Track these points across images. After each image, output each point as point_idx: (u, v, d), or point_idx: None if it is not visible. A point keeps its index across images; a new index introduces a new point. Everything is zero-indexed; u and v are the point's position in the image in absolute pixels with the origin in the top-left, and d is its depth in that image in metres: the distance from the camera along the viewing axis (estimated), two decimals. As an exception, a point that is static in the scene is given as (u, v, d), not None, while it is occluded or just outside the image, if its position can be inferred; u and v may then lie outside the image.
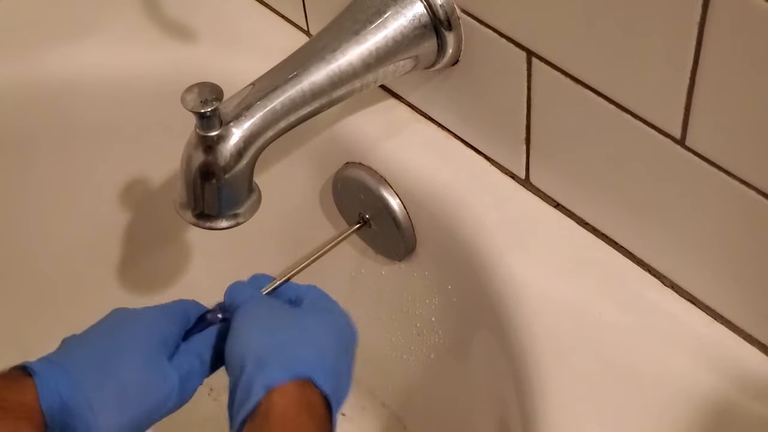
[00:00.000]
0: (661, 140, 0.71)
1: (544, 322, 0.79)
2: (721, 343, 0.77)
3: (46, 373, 0.67)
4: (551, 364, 0.76)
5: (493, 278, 0.83)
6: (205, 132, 0.70)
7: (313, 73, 0.77)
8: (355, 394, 1.14)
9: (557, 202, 0.85)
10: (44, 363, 0.69)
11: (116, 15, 1.02)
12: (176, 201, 0.73)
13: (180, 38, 1.00)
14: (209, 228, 0.73)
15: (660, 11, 0.65)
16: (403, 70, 0.82)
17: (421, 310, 0.96)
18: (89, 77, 1.00)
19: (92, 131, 1.02)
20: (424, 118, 0.92)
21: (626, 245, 0.81)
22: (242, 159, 0.73)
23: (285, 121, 0.76)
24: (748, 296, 0.74)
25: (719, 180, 0.69)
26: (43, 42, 1.01)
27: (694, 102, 0.67)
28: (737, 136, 0.67)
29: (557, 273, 0.81)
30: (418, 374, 1.02)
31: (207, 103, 0.68)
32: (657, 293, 0.80)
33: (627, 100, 0.72)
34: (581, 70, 0.74)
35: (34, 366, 0.68)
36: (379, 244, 0.96)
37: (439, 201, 0.88)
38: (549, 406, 0.74)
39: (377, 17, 0.79)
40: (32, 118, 1.01)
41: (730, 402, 0.74)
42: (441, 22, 0.80)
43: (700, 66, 0.65)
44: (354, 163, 0.92)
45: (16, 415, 0.66)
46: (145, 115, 1.00)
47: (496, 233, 0.84)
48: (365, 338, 1.06)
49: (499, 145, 0.86)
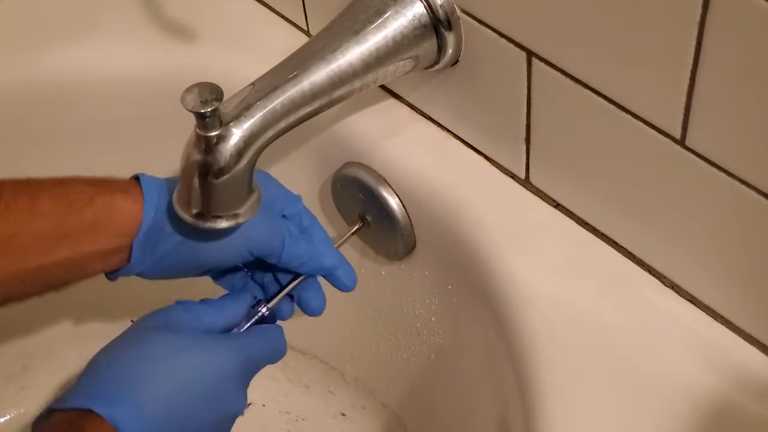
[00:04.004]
0: (661, 140, 0.71)
1: (544, 321, 0.79)
2: (721, 343, 0.77)
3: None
4: (551, 364, 0.76)
5: (493, 278, 0.83)
6: (205, 132, 0.70)
7: (313, 73, 0.77)
8: (355, 394, 1.14)
9: (557, 202, 0.85)
10: (120, 415, 0.66)
11: (116, 15, 1.02)
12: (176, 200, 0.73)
13: (180, 38, 1.00)
14: (209, 228, 0.73)
15: (660, 11, 0.65)
16: (403, 70, 0.82)
17: (421, 310, 0.96)
18: (89, 77, 1.00)
19: (92, 131, 1.02)
20: (424, 118, 0.92)
21: (626, 245, 0.81)
22: (242, 159, 0.73)
23: (285, 121, 0.76)
24: (748, 296, 0.74)
25: (719, 180, 0.69)
26: (43, 42, 1.01)
27: (694, 102, 0.67)
28: (737, 136, 0.67)
29: (557, 273, 0.82)
30: (418, 374, 1.02)
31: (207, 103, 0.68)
32: (657, 293, 0.80)
33: (627, 100, 0.72)
34: (581, 70, 0.74)
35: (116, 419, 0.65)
36: (378, 244, 0.96)
37: (439, 201, 0.88)
38: (549, 406, 0.74)
39: (377, 17, 0.79)
40: (32, 118, 1.01)
41: (729, 402, 0.74)
42: (441, 22, 0.80)
43: (700, 66, 0.65)
44: (354, 162, 0.92)
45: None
46: (145, 115, 1.00)
47: (496, 233, 0.84)
48: (366, 338, 1.06)
49: (499, 145, 0.86)
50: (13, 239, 0.69)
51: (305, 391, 1.17)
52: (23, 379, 1.16)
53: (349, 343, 1.10)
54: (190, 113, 0.69)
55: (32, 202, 0.70)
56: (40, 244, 0.70)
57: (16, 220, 0.69)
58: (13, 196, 0.70)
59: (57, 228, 0.70)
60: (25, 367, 1.16)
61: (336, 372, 1.15)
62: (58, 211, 0.70)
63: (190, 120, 0.71)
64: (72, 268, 0.72)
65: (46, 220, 0.70)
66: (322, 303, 0.81)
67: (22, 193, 0.71)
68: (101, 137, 1.02)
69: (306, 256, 0.78)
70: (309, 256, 0.78)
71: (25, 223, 0.69)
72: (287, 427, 1.16)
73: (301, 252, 0.77)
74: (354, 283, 0.81)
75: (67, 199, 0.71)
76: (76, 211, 0.71)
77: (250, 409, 1.15)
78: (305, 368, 1.16)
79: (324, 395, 1.16)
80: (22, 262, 0.70)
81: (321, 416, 1.16)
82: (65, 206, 0.71)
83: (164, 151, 0.84)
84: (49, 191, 0.71)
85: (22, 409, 1.16)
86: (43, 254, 0.70)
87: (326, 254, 0.79)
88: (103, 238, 0.72)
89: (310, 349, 1.15)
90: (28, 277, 0.71)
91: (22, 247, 0.69)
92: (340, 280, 0.80)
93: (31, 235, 0.70)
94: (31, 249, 0.70)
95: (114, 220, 0.72)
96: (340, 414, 1.15)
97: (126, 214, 0.72)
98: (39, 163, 1.03)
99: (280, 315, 0.81)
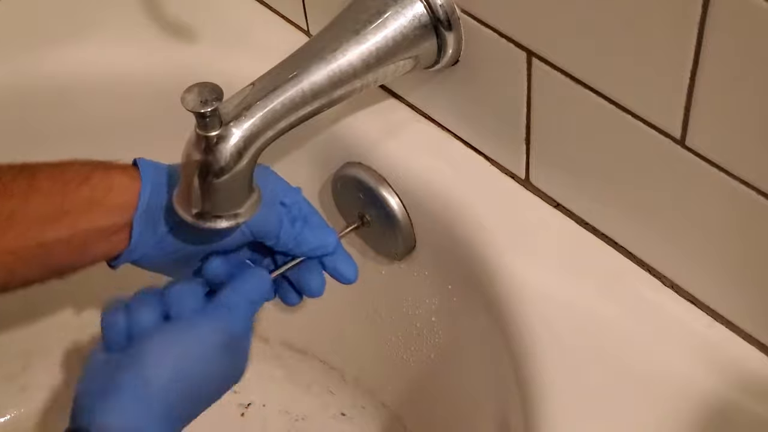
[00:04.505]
0: (661, 140, 0.71)
1: (544, 322, 0.79)
2: (721, 343, 0.77)
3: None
4: (551, 364, 0.76)
5: (493, 278, 0.83)
6: (205, 132, 0.70)
7: (313, 73, 0.77)
8: (355, 394, 1.14)
9: (557, 202, 0.85)
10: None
11: (116, 15, 1.02)
12: (176, 200, 0.74)
13: (180, 38, 1.00)
14: (209, 228, 0.73)
15: (660, 11, 0.65)
16: (403, 70, 0.82)
17: (421, 310, 0.96)
18: (89, 77, 1.00)
19: (92, 131, 1.02)
20: (424, 118, 0.92)
21: (626, 245, 0.81)
22: (242, 159, 0.73)
23: (285, 121, 0.76)
24: (747, 296, 0.74)
25: (719, 180, 0.69)
26: (43, 42, 1.01)
27: (694, 102, 0.67)
28: (737, 136, 0.67)
29: (557, 273, 0.82)
30: (418, 374, 1.02)
31: (207, 103, 0.68)
32: (657, 293, 0.80)
33: (627, 100, 0.72)
34: (581, 70, 0.74)
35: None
36: (378, 244, 0.96)
37: (439, 201, 0.88)
38: (549, 406, 0.74)
39: (377, 17, 0.79)
40: (32, 118, 1.01)
41: (729, 402, 0.74)
42: (441, 22, 0.80)
43: (700, 66, 0.65)
44: (354, 162, 0.92)
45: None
46: (145, 115, 1.00)
47: (496, 233, 0.84)
48: (366, 338, 1.06)
49: (499, 145, 0.86)
50: (13, 217, 0.70)
51: (305, 391, 1.17)
52: (23, 379, 1.16)
53: (349, 343, 1.10)
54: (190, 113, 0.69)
55: (30, 182, 0.71)
56: (39, 222, 0.71)
57: (15, 199, 0.70)
58: (11, 177, 0.71)
59: (55, 205, 0.71)
60: (25, 367, 1.16)
61: (336, 372, 1.15)
62: (56, 190, 0.71)
63: (190, 120, 0.71)
64: (73, 248, 0.73)
65: (44, 198, 0.71)
66: (322, 284, 0.81)
67: (20, 175, 0.71)
68: (101, 137, 1.02)
69: (302, 237, 0.78)
70: (304, 238, 0.78)
71: (23, 201, 0.70)
72: (287, 427, 1.16)
73: (297, 233, 0.78)
74: (354, 274, 0.81)
75: (63, 178, 0.72)
76: (74, 189, 0.71)
77: (250, 409, 1.15)
78: (305, 368, 1.16)
79: (324, 395, 1.16)
80: (22, 240, 0.70)
81: (321, 416, 1.16)
82: (62, 184, 0.72)
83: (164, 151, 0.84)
84: (46, 172, 0.72)
85: (22, 409, 1.16)
86: (43, 232, 0.71)
87: (322, 235, 0.79)
88: (101, 215, 0.72)
89: (310, 349, 1.15)
90: (28, 256, 0.71)
91: (21, 225, 0.70)
92: (339, 271, 0.80)
93: (30, 214, 0.70)
94: (30, 227, 0.70)
95: (112, 197, 0.73)
96: (340, 414, 1.15)
97: (123, 191, 0.73)
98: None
99: (287, 300, 0.81)
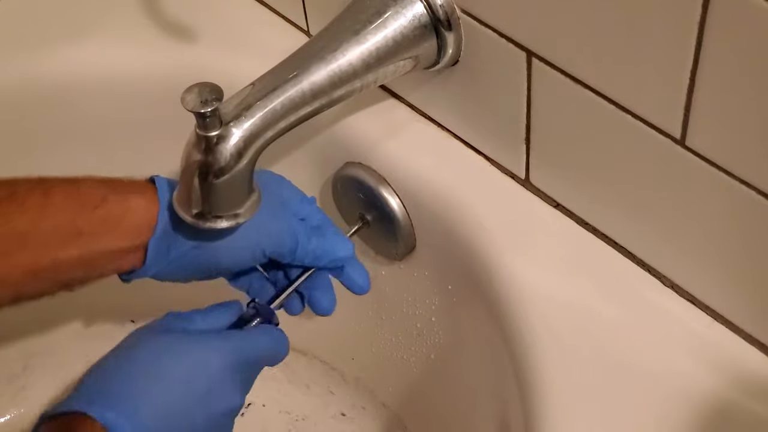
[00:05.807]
0: (661, 140, 0.71)
1: (544, 321, 0.79)
2: (721, 343, 0.77)
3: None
4: (551, 364, 0.76)
5: (493, 278, 0.83)
6: (205, 132, 0.70)
7: (313, 73, 0.77)
8: (355, 394, 1.14)
9: (557, 202, 0.85)
10: (112, 417, 0.66)
11: (116, 15, 1.02)
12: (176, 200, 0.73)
13: (180, 38, 1.00)
14: (209, 228, 0.73)
15: (660, 11, 0.65)
16: (403, 70, 0.82)
17: (421, 310, 0.96)
18: (89, 77, 1.00)
19: (92, 131, 1.02)
20: (424, 118, 0.92)
21: (626, 245, 0.81)
22: (242, 159, 0.73)
23: (285, 121, 0.76)
24: (747, 296, 0.74)
25: (719, 180, 0.69)
26: (43, 42, 1.01)
27: (694, 102, 0.67)
28: (737, 136, 0.67)
29: (557, 273, 0.82)
30: (418, 374, 1.02)
31: (207, 103, 0.68)
32: (657, 293, 0.80)
33: (627, 100, 0.72)
34: (581, 70, 0.74)
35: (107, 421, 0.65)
36: (378, 244, 0.96)
37: (439, 201, 0.88)
38: (549, 406, 0.74)
39: (377, 17, 0.79)
40: (32, 118, 1.01)
41: (729, 402, 0.74)
42: (441, 22, 0.80)
43: (700, 66, 0.65)
44: (354, 162, 0.92)
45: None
46: (145, 115, 1.00)
47: (496, 233, 0.84)
48: (366, 338, 1.06)
49: (499, 145, 0.86)
50: (27, 235, 0.69)
51: (305, 391, 1.17)
52: (23, 379, 1.16)
53: (350, 343, 1.10)
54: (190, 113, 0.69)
55: (45, 199, 0.70)
56: (54, 241, 0.70)
57: (29, 214, 0.70)
58: (27, 189, 0.71)
59: (70, 225, 0.71)
60: (25, 367, 1.16)
61: (336, 372, 1.15)
62: (71, 209, 0.71)
63: (190, 120, 0.71)
64: (85, 266, 0.72)
65: (59, 216, 0.70)
66: (332, 303, 0.82)
67: (36, 189, 0.71)
68: (101, 137, 1.02)
69: (320, 250, 0.79)
70: (322, 250, 0.79)
71: (38, 218, 0.70)
72: (287, 427, 1.16)
73: (313, 247, 0.78)
74: (367, 283, 0.81)
75: (79, 197, 0.71)
76: (90, 210, 0.71)
77: (250, 409, 1.15)
78: (305, 368, 1.16)
79: (324, 395, 1.16)
80: (35, 258, 0.70)
81: (321, 416, 1.16)
82: (78, 204, 0.71)
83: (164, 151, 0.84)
84: (61, 188, 0.71)
85: (22, 409, 1.16)
86: (57, 250, 0.70)
87: (339, 245, 0.80)
88: (116, 237, 0.72)
89: (311, 349, 1.15)
90: (41, 272, 0.71)
91: (35, 243, 0.70)
92: (353, 279, 0.80)
93: (44, 232, 0.70)
94: (44, 246, 0.70)
95: (128, 220, 0.72)
96: (340, 414, 1.15)
97: (140, 214, 0.73)
98: (39, 163, 1.03)
99: (290, 310, 0.81)
